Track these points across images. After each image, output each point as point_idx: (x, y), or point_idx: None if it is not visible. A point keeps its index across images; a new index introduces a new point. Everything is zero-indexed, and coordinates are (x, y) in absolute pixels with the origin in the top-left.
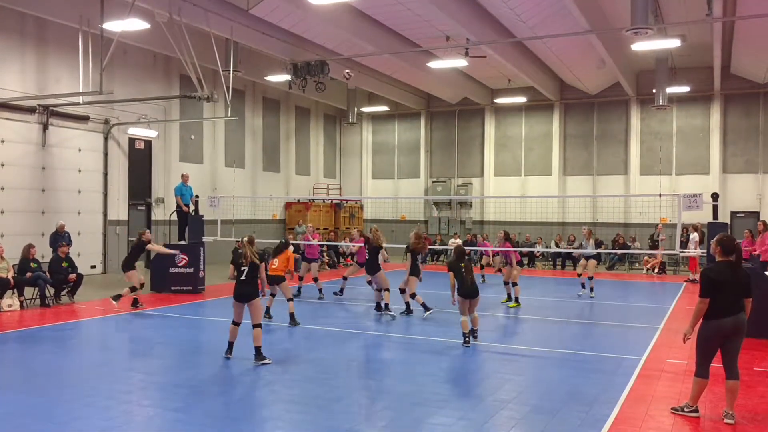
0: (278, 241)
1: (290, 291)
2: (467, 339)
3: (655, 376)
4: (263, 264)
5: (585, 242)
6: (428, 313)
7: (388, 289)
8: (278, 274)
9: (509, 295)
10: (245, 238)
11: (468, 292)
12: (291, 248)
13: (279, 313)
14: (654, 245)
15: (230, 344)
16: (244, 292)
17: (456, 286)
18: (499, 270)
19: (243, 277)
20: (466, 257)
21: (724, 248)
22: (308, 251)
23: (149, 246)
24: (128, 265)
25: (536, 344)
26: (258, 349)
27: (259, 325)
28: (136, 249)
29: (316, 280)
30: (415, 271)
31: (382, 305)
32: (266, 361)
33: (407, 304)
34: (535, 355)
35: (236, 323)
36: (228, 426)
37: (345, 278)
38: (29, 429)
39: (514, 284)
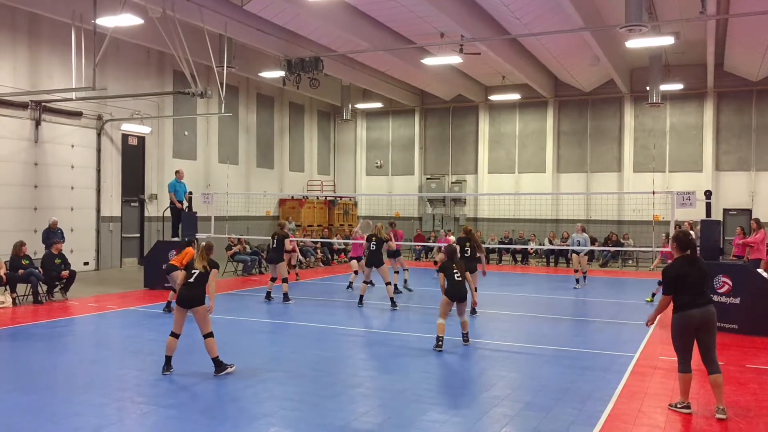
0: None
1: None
2: (440, 343)
3: (648, 373)
4: (215, 270)
5: (577, 236)
6: None
7: (389, 283)
8: (174, 264)
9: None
10: (203, 244)
11: (456, 293)
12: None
13: (264, 308)
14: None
15: (167, 359)
16: (187, 296)
17: (445, 287)
18: (435, 263)
19: (191, 280)
20: (458, 257)
21: (679, 244)
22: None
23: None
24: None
25: (530, 341)
26: (216, 360)
27: (209, 335)
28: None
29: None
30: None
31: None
32: (229, 369)
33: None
34: (529, 352)
35: (175, 334)
36: (221, 423)
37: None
38: (23, 427)
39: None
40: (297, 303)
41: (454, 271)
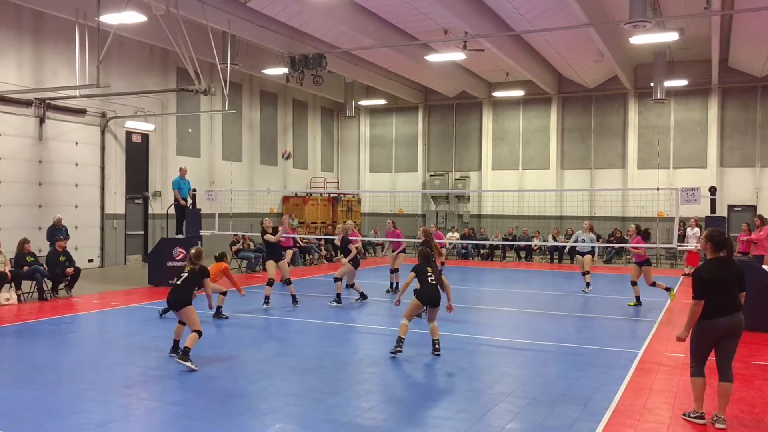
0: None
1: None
2: (400, 345)
3: (653, 370)
4: (208, 279)
5: (583, 234)
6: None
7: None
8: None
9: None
10: (192, 251)
11: (428, 296)
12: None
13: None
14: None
15: (175, 342)
16: (173, 300)
17: (412, 288)
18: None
19: (179, 282)
20: (433, 260)
21: (715, 244)
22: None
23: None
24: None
25: (534, 338)
26: (186, 349)
27: (196, 332)
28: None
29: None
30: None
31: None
32: (189, 365)
33: None
34: (533, 349)
35: (181, 323)
36: (227, 419)
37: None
38: (29, 423)
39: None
40: (300, 300)
41: (429, 274)
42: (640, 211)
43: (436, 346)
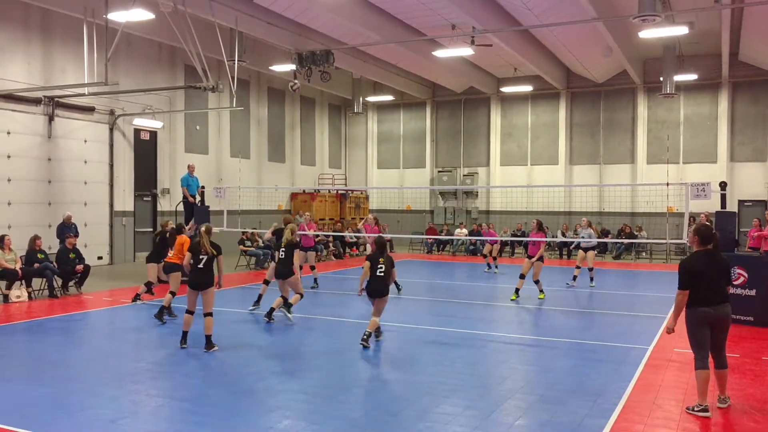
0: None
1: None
2: (366, 338)
3: (663, 366)
4: (221, 256)
5: (583, 231)
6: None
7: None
8: (174, 263)
9: (517, 291)
10: (202, 228)
11: (373, 289)
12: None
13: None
14: None
15: (184, 334)
16: (200, 281)
17: (367, 280)
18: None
19: (200, 266)
20: (387, 253)
21: (701, 238)
22: (304, 240)
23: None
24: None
25: (543, 334)
26: (208, 338)
27: (210, 314)
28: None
29: (312, 268)
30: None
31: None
32: (215, 348)
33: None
34: (542, 345)
35: (190, 312)
36: (236, 415)
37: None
38: (39, 419)
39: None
40: (308, 296)
41: (379, 265)
42: (650, 207)
43: (365, 336)
